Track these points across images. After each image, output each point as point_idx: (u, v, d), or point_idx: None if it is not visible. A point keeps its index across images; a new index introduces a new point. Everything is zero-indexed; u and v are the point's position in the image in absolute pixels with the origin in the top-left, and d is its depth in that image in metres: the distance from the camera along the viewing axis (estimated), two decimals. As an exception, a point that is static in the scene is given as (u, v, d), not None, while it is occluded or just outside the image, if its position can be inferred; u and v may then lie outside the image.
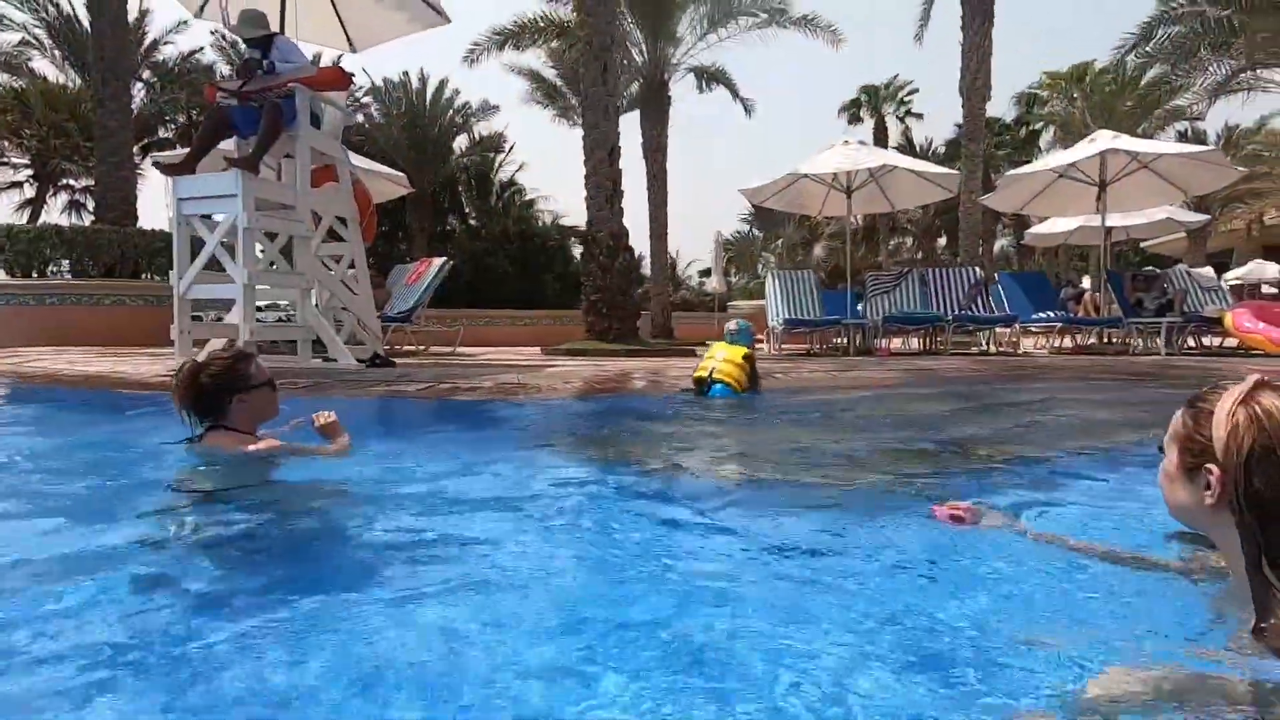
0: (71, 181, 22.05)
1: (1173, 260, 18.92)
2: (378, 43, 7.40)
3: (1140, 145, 9.59)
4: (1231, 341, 9.08)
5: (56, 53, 20.72)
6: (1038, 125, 30.43)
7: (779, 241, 34.67)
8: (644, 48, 15.36)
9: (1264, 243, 22.67)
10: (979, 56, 14.60)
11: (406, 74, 23.79)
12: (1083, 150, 9.76)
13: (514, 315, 15.16)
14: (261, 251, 5.67)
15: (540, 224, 26.45)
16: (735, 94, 18.09)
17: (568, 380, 5.19)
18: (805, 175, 9.95)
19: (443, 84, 23.75)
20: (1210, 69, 14.98)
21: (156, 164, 7.81)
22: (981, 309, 9.80)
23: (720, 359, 4.86)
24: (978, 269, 10.56)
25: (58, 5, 20.21)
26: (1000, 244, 34.66)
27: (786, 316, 9.57)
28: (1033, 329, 10.68)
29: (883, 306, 10.12)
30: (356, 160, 8.36)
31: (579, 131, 9.39)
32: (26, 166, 20.86)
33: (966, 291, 10.08)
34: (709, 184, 73.30)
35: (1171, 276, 10.28)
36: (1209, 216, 16.93)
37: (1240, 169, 10.10)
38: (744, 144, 72.65)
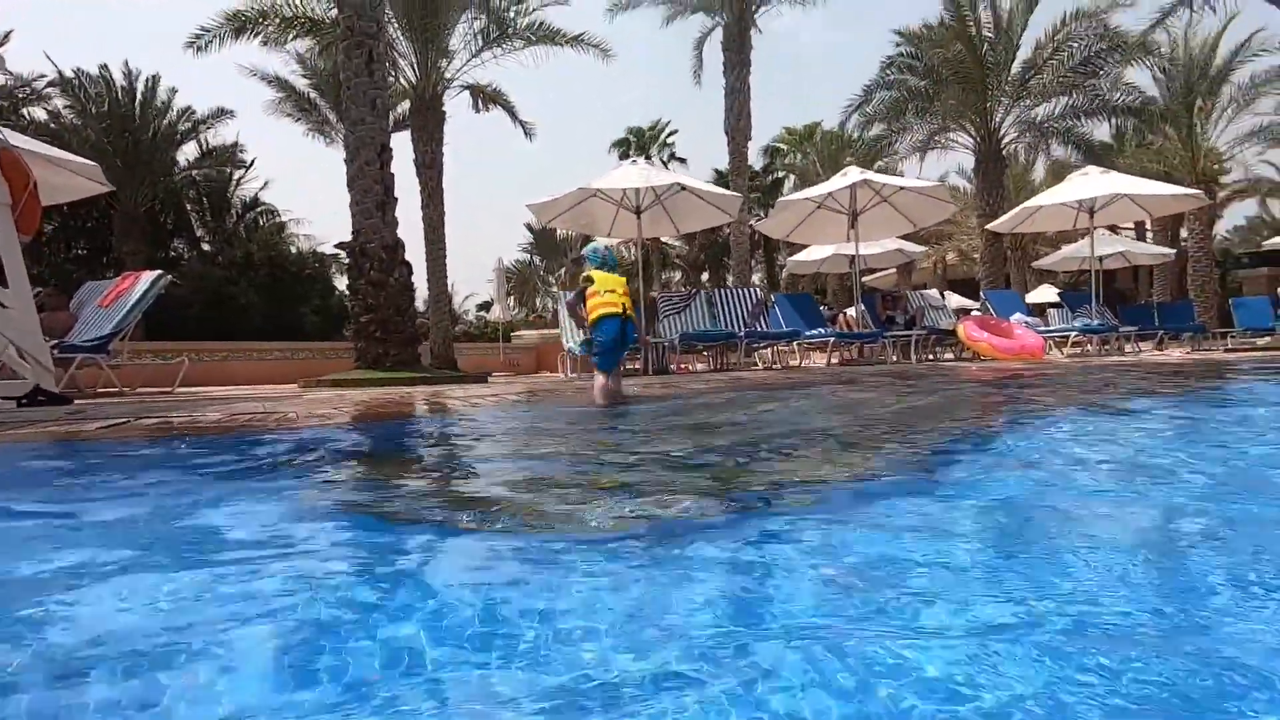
0: None
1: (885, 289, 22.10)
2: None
3: (884, 179, 10.81)
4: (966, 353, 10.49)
5: None
6: (780, 174, 34.39)
7: (561, 270, 34.75)
8: (414, 61, 14.23)
9: (949, 279, 28.45)
10: (740, 100, 15.86)
11: (106, 67, 19.69)
12: (837, 183, 10.75)
13: (262, 348, 12.74)
14: None
15: (295, 250, 23.40)
16: (514, 116, 17.56)
17: (336, 407, 4.05)
18: (597, 191, 9.65)
19: (153, 81, 20.04)
20: (915, 129, 17.91)
21: None
22: (766, 326, 10.23)
23: (621, 293, 4.53)
24: (758, 290, 11.07)
25: None
26: (756, 276, 38.38)
27: (581, 338, 9.05)
28: (804, 345, 11.46)
29: (674, 327, 10.13)
30: (17, 139, 6.22)
31: (338, 151, 8.13)
32: None
33: (750, 310, 10.48)
34: (484, 213, 71.89)
35: (910, 297, 11.69)
36: (926, 248, 20.03)
37: (953, 205, 11.89)
38: (520, 175, 72.66)
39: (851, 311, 13.49)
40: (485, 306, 38.67)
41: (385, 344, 7.83)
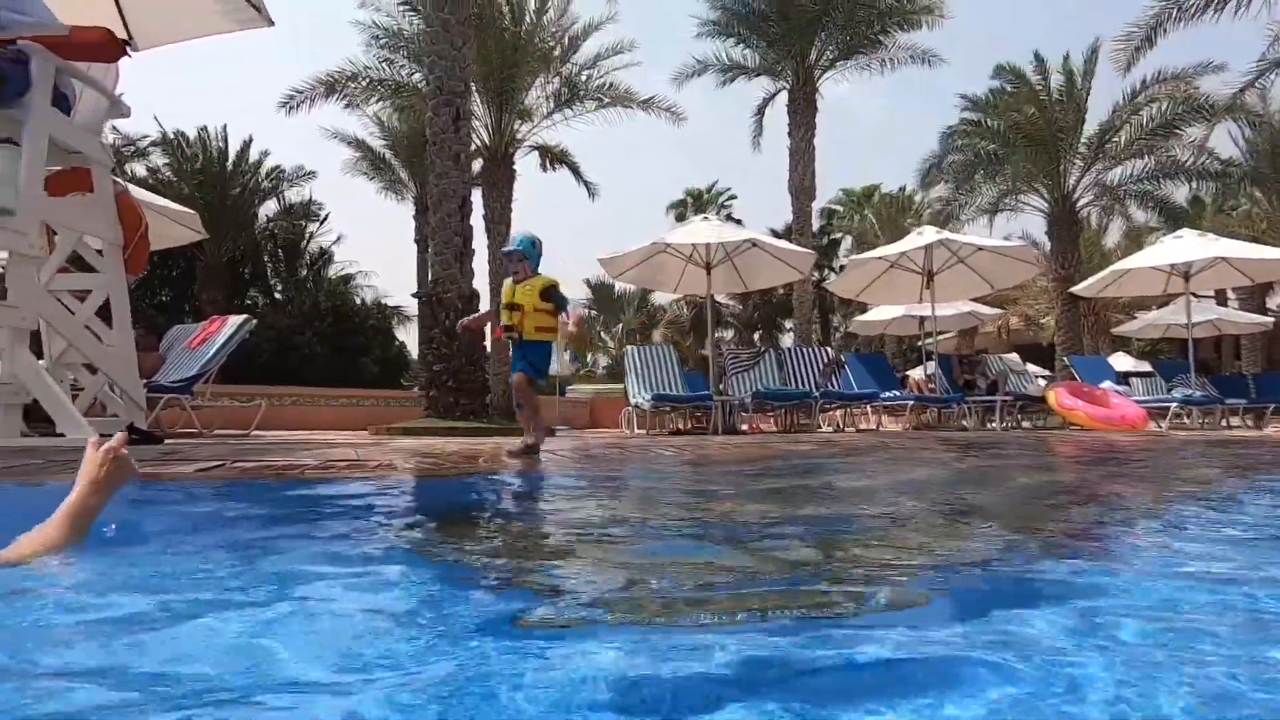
0: None
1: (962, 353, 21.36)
2: (170, 42, 5.86)
3: (962, 239, 10.49)
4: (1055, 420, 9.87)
5: None
6: (837, 234, 34.29)
7: (619, 326, 34.96)
8: (488, 122, 14.79)
9: (1013, 343, 27.34)
10: (804, 161, 15.90)
11: (206, 128, 21.10)
12: (912, 242, 10.48)
13: (330, 394, 12.93)
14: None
15: (360, 301, 24.15)
16: (579, 176, 18.00)
17: (427, 456, 3.89)
18: (667, 246, 9.61)
19: (248, 143, 21.33)
20: (983, 192, 17.63)
21: None
22: (838, 386, 9.85)
23: (530, 310, 4.24)
24: (829, 349, 10.74)
25: None
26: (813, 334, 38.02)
27: (654, 393, 8.86)
28: (875, 407, 10.98)
29: (743, 385, 9.85)
30: (132, 188, 6.52)
31: (407, 208, 8.33)
32: None
33: (822, 370, 10.13)
34: (547, 268, 73.35)
35: (989, 360, 11.17)
36: (1002, 310, 19.37)
37: (1037, 266, 11.44)
38: (580, 233, 74.55)
39: (918, 373, 12.99)
40: (538, 360, 39.05)
41: (457, 393, 7.77)
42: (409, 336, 23.43)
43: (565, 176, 17.95)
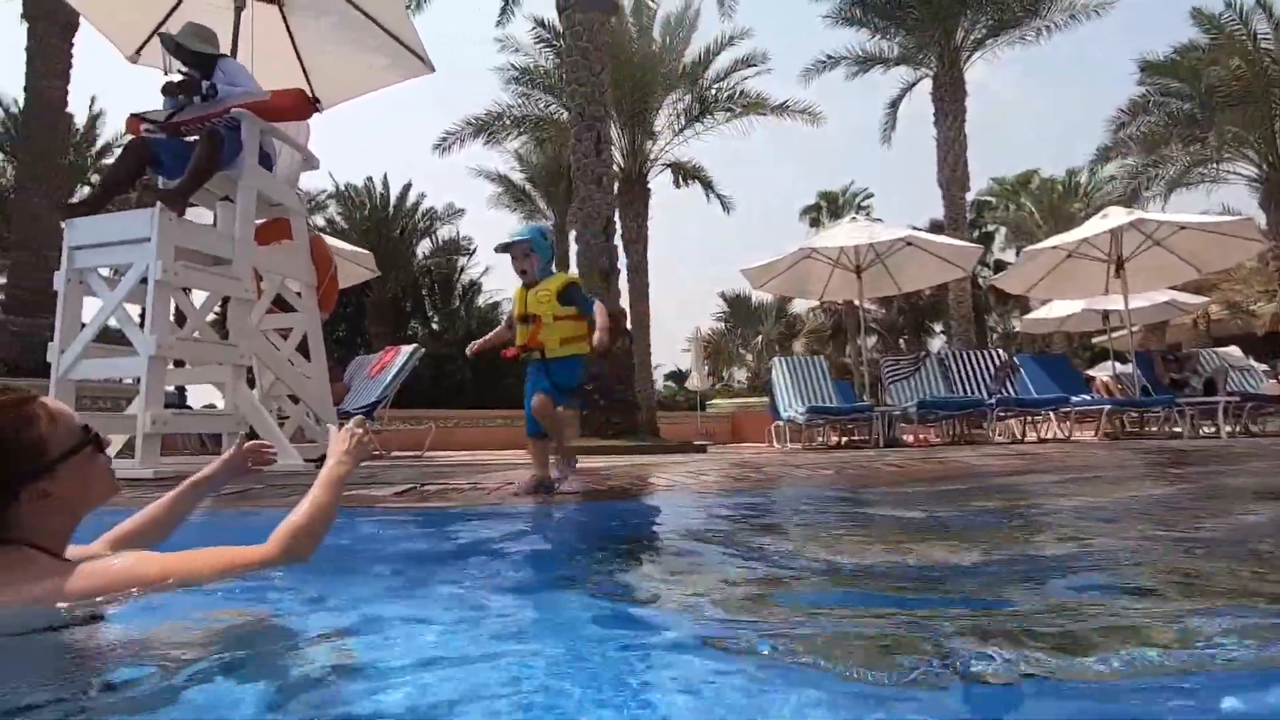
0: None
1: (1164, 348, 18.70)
2: (349, 98, 6.44)
3: (1161, 218, 9.16)
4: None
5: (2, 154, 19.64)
6: (990, 227, 31.59)
7: (758, 338, 34.35)
8: (623, 146, 15.11)
9: (1214, 335, 23.29)
10: (955, 150, 14.78)
11: (370, 178, 23.35)
12: (1095, 226, 9.30)
13: (482, 416, 13.67)
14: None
15: (505, 327, 25.46)
16: (711, 190, 17.93)
17: (616, 477, 3.86)
18: (813, 251, 9.20)
19: (406, 188, 23.31)
20: (1172, 163, 15.46)
21: (57, 207, 6.45)
22: (1014, 392, 8.90)
23: (550, 319, 3.19)
24: (1000, 352, 9.76)
25: (4, 108, 19.39)
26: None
27: (810, 405, 8.45)
28: (1061, 414, 9.78)
29: (904, 393, 9.16)
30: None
31: None
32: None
33: (994, 375, 9.21)
34: (669, 281, 74.20)
35: (1201, 356, 9.65)
36: (1208, 299, 16.85)
37: (1260, 242, 9.72)
38: (708, 247, 74.64)
39: (1102, 374, 11.47)
40: (673, 376, 39.21)
41: (608, 412, 7.84)
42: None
43: (691, 194, 17.97)
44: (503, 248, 3.37)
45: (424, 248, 25.09)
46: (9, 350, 8.70)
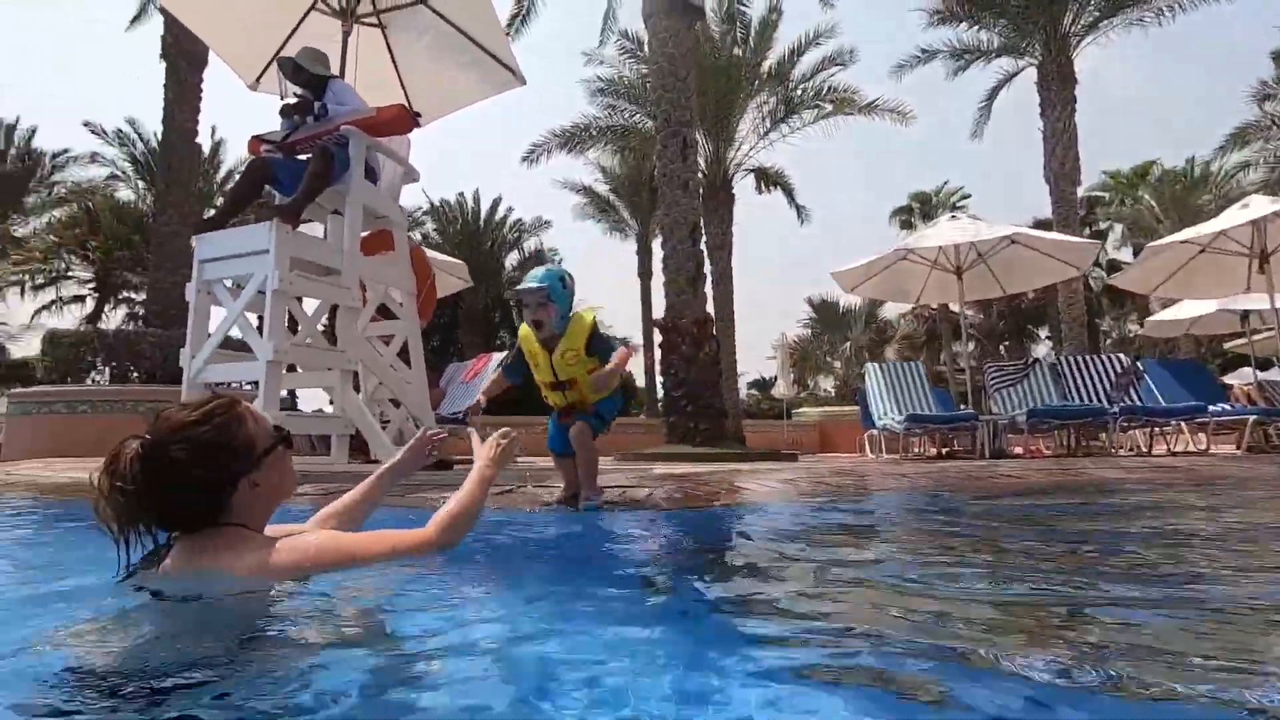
0: (131, 295, 22.41)
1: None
2: (446, 113, 6.68)
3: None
4: None
5: (139, 182, 21.80)
6: (1103, 224, 29.37)
7: (847, 345, 33.32)
8: (706, 152, 15.03)
9: None
10: (1064, 142, 13.80)
11: (462, 194, 24.33)
12: (1235, 217, 8.41)
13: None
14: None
15: (590, 336, 25.87)
16: (792, 198, 17.55)
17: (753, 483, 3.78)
18: (909, 252, 8.79)
19: (496, 202, 24.12)
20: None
21: (189, 224, 7.02)
22: (1139, 400, 8.15)
23: (585, 377, 2.94)
24: (1122, 356, 8.98)
25: (145, 140, 21.48)
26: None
27: (908, 413, 8.06)
28: (1196, 425, 8.88)
29: (1011, 401, 8.57)
30: (414, 246, 7.53)
31: (629, 245, 8.56)
32: (89, 280, 21.25)
33: (1114, 382, 8.48)
34: (751, 287, 73.33)
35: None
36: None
37: None
38: (792, 250, 73.30)
39: (1240, 382, 10.34)
40: (756, 384, 38.56)
41: (696, 419, 7.74)
42: (634, 366, 24.60)
43: (774, 200, 17.65)
44: (518, 294, 3.08)
45: (512, 259, 25.87)
46: (150, 358, 9.55)
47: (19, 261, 18.62)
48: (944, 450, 9.10)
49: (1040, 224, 19.13)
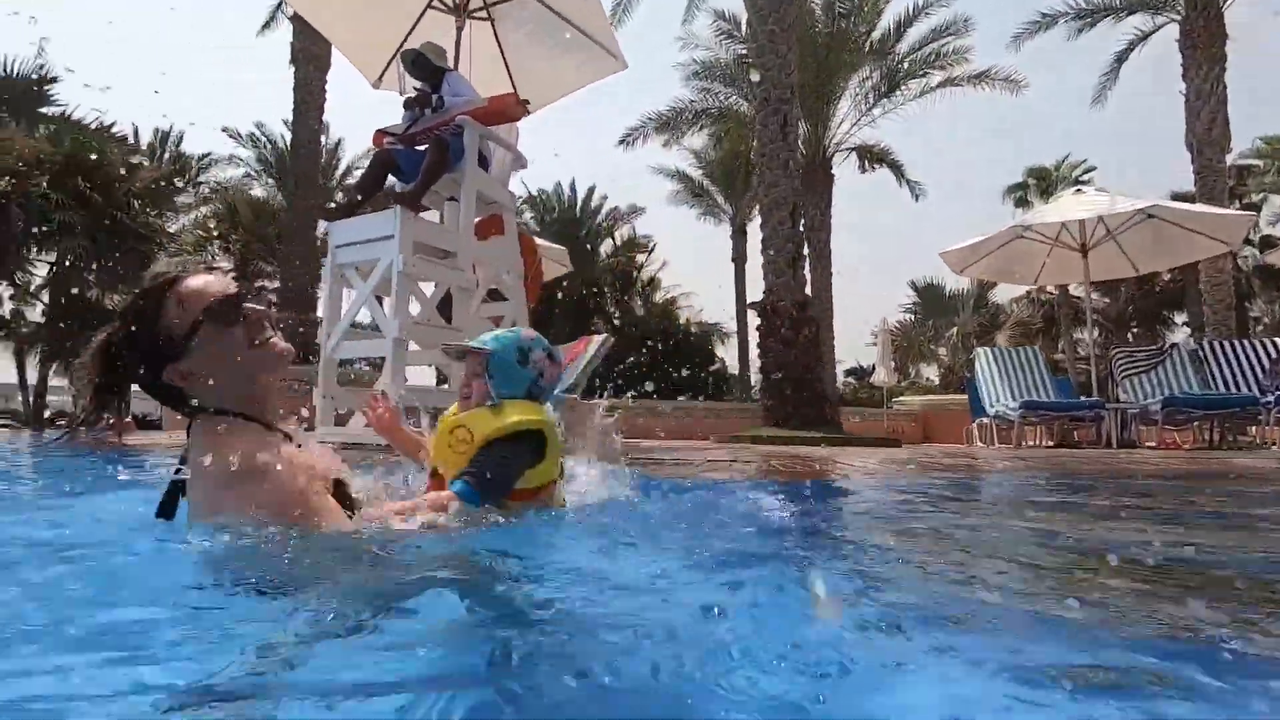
0: (267, 283, 24.48)
1: None
2: (554, 99, 6.88)
3: None
4: None
5: (270, 180, 23.72)
6: (1256, 196, 26.29)
7: (953, 331, 31.69)
8: (804, 132, 14.64)
9: None
10: (1212, 105, 12.47)
11: (559, 184, 24.87)
12: None
13: (662, 406, 13.96)
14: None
15: (683, 321, 25.91)
16: (901, 175, 16.77)
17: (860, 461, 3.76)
18: (1027, 229, 8.25)
19: (591, 190, 24.49)
20: None
21: (318, 209, 7.60)
22: (1299, 390, 7.31)
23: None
24: (1276, 342, 8.09)
25: (274, 143, 23.31)
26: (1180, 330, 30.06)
27: (1023, 400, 7.61)
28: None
29: (1142, 389, 7.92)
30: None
31: (723, 229, 8.46)
32: (230, 270, 23.38)
33: (1268, 369, 7.66)
34: (857, 274, 70.81)
35: None
36: None
37: None
38: (894, 232, 70.11)
39: None
40: (853, 372, 37.34)
41: (794, 402, 7.63)
42: (727, 352, 24.44)
43: (881, 179, 16.93)
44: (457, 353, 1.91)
45: (605, 247, 26.23)
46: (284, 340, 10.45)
47: (174, 254, 20.84)
48: (1062, 441, 8.54)
49: (1178, 198, 17.41)
